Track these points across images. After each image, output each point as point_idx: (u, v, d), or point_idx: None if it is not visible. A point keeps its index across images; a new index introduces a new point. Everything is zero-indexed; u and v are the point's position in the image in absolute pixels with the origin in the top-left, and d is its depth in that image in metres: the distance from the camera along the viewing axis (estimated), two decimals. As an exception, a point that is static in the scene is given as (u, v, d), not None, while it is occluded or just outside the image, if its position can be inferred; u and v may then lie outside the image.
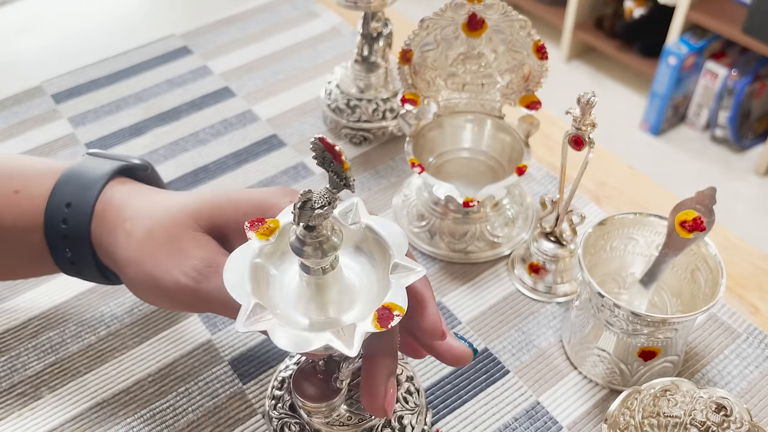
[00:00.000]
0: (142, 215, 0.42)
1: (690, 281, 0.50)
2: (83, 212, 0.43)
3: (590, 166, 0.50)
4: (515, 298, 0.57)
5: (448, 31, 0.56)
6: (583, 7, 2.12)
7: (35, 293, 0.58)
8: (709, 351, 0.53)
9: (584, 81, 2.19)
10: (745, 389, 0.51)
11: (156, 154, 0.72)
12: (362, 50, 0.68)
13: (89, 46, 0.89)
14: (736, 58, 1.86)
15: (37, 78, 0.83)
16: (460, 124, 0.62)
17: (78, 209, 0.43)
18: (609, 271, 0.53)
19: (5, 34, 0.93)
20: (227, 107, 0.78)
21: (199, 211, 0.41)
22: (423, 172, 0.56)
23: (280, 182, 0.68)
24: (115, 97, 0.79)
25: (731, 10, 1.82)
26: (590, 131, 0.48)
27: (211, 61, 0.84)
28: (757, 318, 0.56)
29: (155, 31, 0.90)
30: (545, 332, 0.55)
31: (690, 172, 1.89)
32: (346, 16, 0.92)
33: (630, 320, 0.45)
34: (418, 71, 0.58)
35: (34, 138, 0.74)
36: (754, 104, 1.88)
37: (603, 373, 0.50)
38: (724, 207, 1.77)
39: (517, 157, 0.59)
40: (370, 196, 0.67)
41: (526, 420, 0.49)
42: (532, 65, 0.56)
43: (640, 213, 0.51)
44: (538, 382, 0.52)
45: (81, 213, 0.43)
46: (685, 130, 2.00)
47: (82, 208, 0.43)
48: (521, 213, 0.62)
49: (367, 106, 0.69)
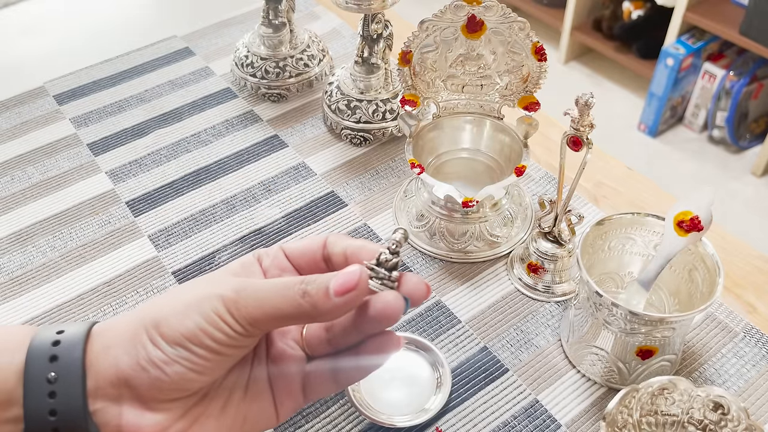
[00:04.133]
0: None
1: (687, 281, 0.51)
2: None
3: (588, 166, 0.51)
4: (514, 297, 0.58)
5: (448, 33, 0.57)
6: (582, 9, 2.12)
7: (36, 293, 0.59)
8: (707, 350, 0.54)
9: (582, 82, 2.19)
10: (743, 388, 0.51)
11: (158, 154, 0.72)
12: (362, 52, 0.69)
13: (91, 47, 0.89)
14: (734, 59, 1.86)
15: (40, 79, 0.83)
16: (459, 125, 0.63)
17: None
18: (607, 270, 0.54)
19: (8, 35, 0.93)
20: (229, 108, 0.78)
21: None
22: (423, 173, 0.56)
23: (281, 182, 0.69)
24: (117, 98, 0.80)
25: (729, 12, 1.82)
26: (588, 132, 0.49)
27: (213, 63, 0.85)
28: (755, 317, 0.56)
29: (157, 33, 0.90)
30: (544, 331, 0.55)
31: (687, 172, 1.90)
32: (347, 18, 0.93)
33: (628, 319, 0.45)
34: (418, 72, 0.59)
35: (37, 139, 0.75)
36: (752, 105, 1.89)
37: (601, 371, 0.51)
38: (722, 207, 1.77)
39: (516, 157, 0.60)
40: (370, 196, 0.67)
41: (525, 418, 0.50)
42: (531, 67, 0.57)
43: (637, 213, 0.51)
44: (537, 380, 0.52)
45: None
46: (683, 131, 2.01)
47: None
48: (520, 213, 0.63)
49: (368, 107, 0.70)
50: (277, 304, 0.32)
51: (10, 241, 0.64)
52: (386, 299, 0.33)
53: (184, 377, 0.32)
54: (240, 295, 0.32)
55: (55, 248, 0.63)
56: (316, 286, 0.32)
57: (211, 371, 0.33)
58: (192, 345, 0.32)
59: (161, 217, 0.66)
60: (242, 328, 0.32)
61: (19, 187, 0.69)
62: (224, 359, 0.33)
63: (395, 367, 0.52)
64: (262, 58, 0.76)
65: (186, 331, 0.32)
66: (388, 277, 0.34)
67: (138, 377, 0.32)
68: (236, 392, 0.35)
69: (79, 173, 0.71)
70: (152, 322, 0.33)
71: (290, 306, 0.32)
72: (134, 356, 0.32)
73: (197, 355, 0.32)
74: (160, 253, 0.62)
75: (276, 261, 0.37)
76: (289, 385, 0.36)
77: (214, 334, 0.32)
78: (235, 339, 0.32)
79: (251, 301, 0.32)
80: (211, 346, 0.32)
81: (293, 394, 0.36)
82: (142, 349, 0.32)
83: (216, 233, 0.64)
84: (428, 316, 0.56)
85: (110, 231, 0.64)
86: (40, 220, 0.66)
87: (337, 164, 0.71)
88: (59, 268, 0.61)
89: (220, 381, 0.35)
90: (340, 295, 0.32)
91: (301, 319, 0.33)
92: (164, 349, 0.32)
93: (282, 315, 0.32)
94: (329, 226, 0.64)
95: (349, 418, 0.50)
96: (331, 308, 0.32)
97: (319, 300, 0.32)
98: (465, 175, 0.64)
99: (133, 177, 0.70)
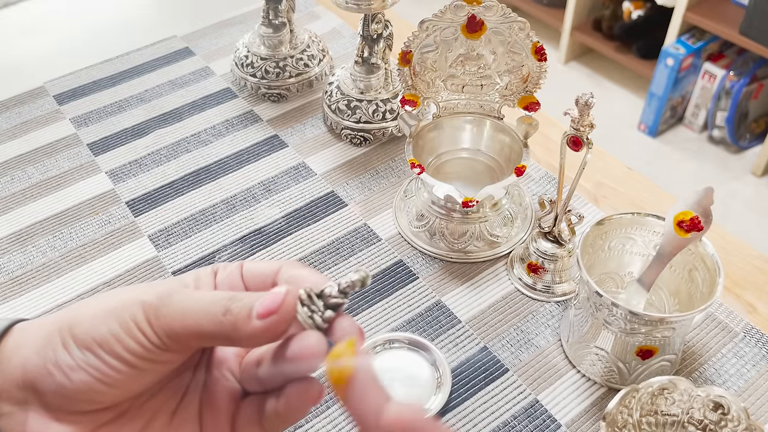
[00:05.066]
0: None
1: (688, 281, 0.51)
2: None
3: (588, 166, 0.51)
4: (514, 297, 0.58)
5: (448, 33, 0.57)
6: (582, 9, 2.12)
7: (36, 293, 0.59)
8: (707, 350, 0.54)
9: (582, 82, 2.19)
10: (743, 388, 0.51)
11: (158, 154, 0.72)
12: (362, 52, 0.69)
13: (91, 47, 0.89)
14: (734, 59, 1.86)
15: (40, 79, 0.83)
16: (459, 124, 0.63)
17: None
18: (607, 270, 0.54)
19: (8, 35, 0.93)
20: (229, 108, 0.78)
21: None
22: (423, 173, 0.56)
23: (281, 182, 0.69)
24: (117, 98, 0.80)
25: (729, 12, 1.82)
26: (588, 132, 0.49)
27: (213, 63, 0.85)
28: (755, 317, 0.56)
29: (157, 33, 0.90)
30: (544, 331, 0.55)
31: (687, 172, 1.90)
32: (347, 18, 0.93)
33: (628, 319, 0.45)
34: (418, 72, 0.59)
35: (37, 139, 0.75)
36: (752, 105, 1.89)
37: (601, 371, 0.51)
38: (722, 207, 1.77)
39: (516, 157, 0.60)
40: (370, 196, 0.67)
41: (525, 418, 0.50)
42: (531, 67, 0.57)
43: (637, 213, 0.51)
44: (537, 380, 0.52)
45: None
46: (683, 131, 2.01)
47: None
48: (520, 213, 0.63)
49: (368, 107, 0.70)
50: (198, 319, 0.29)
51: (10, 241, 0.64)
52: (306, 342, 0.29)
53: (91, 387, 0.29)
54: (163, 302, 0.29)
55: (55, 248, 0.63)
56: (240, 305, 0.29)
57: (122, 385, 0.29)
58: (102, 352, 0.29)
59: (161, 217, 0.66)
60: (159, 340, 0.29)
61: (19, 187, 0.69)
62: (138, 374, 0.29)
63: (395, 367, 0.52)
64: (262, 58, 0.76)
65: (98, 336, 0.29)
66: (321, 313, 0.29)
67: (44, 381, 0.29)
68: (161, 417, 0.32)
69: (79, 173, 0.71)
70: (68, 324, 0.30)
71: (210, 323, 0.29)
72: (43, 358, 0.29)
73: (107, 365, 0.29)
74: (160, 253, 0.62)
75: (230, 277, 0.33)
76: (217, 418, 0.32)
77: (128, 343, 0.29)
78: (151, 352, 0.29)
79: (173, 310, 0.29)
80: (123, 355, 0.29)
81: (220, 430, 0.32)
82: (52, 351, 0.29)
83: (216, 233, 0.64)
84: (428, 316, 0.56)
85: (110, 231, 0.64)
86: (40, 220, 0.66)
87: (337, 164, 0.71)
88: (59, 268, 0.61)
89: (143, 401, 0.31)
90: (261, 318, 0.28)
91: (221, 340, 0.29)
92: (73, 353, 0.29)
93: (201, 332, 0.29)
94: (329, 226, 0.64)
95: (350, 418, 0.50)
96: (251, 332, 0.28)
97: (240, 320, 0.29)
98: (465, 175, 0.64)
99: (133, 177, 0.70)
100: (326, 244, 0.63)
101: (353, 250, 0.62)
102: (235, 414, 0.32)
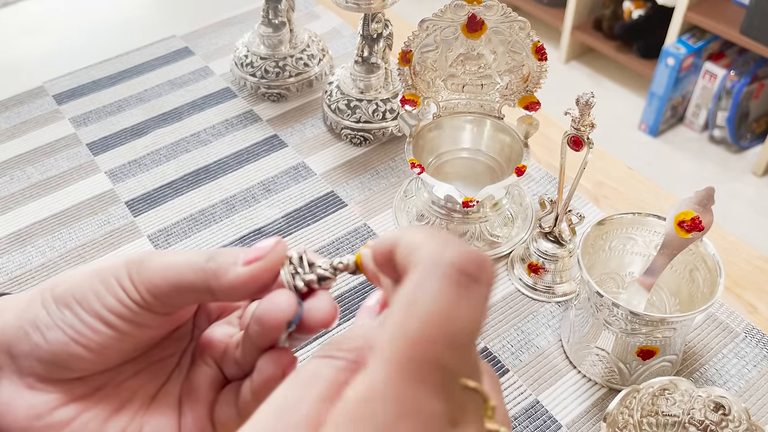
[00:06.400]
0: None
1: (688, 281, 0.51)
2: None
3: (589, 166, 0.51)
4: (514, 297, 0.58)
5: (448, 32, 0.56)
6: (582, 9, 2.12)
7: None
8: (708, 350, 0.54)
9: (583, 82, 2.19)
10: (744, 388, 0.51)
11: (157, 154, 0.72)
12: (362, 51, 0.69)
13: (91, 47, 0.89)
14: (735, 59, 1.86)
15: (39, 79, 0.83)
16: (459, 124, 0.63)
17: None
18: (608, 270, 0.54)
19: (8, 35, 0.93)
20: (228, 108, 0.78)
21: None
22: (423, 173, 0.56)
23: (281, 182, 0.68)
24: (116, 97, 0.80)
25: (730, 11, 1.82)
26: (589, 132, 0.49)
27: (213, 62, 0.85)
28: (755, 317, 0.56)
29: (157, 33, 0.90)
30: (544, 331, 0.55)
31: (688, 172, 1.90)
32: (347, 17, 0.93)
33: (629, 319, 0.45)
34: (418, 72, 0.59)
35: (36, 138, 0.74)
36: (752, 105, 1.89)
37: (602, 372, 0.51)
38: (722, 207, 1.77)
39: (516, 157, 0.60)
40: (370, 196, 0.67)
41: (526, 419, 0.50)
42: (531, 66, 0.57)
43: (638, 213, 0.51)
44: (538, 381, 0.52)
45: None
46: (684, 131, 2.01)
47: None
48: (520, 213, 0.63)
49: (368, 107, 0.70)
50: (180, 269, 0.28)
51: (10, 241, 0.64)
52: (276, 298, 0.28)
53: (66, 348, 0.28)
54: (146, 258, 0.29)
55: (54, 248, 0.63)
56: (226, 254, 0.28)
57: (99, 349, 0.28)
58: (81, 310, 0.28)
59: (161, 217, 0.65)
60: (139, 296, 0.28)
61: (18, 187, 0.69)
62: (116, 337, 0.28)
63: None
64: (262, 58, 0.76)
65: (78, 294, 0.28)
66: (302, 276, 0.29)
67: (19, 343, 0.28)
68: (138, 399, 0.31)
69: (78, 173, 0.70)
70: (51, 285, 0.29)
71: (191, 270, 0.28)
72: (21, 319, 0.29)
73: (84, 323, 0.28)
74: (160, 253, 0.62)
75: None
76: (195, 406, 0.31)
77: (107, 300, 0.28)
78: (130, 310, 0.28)
79: (155, 264, 0.28)
80: (101, 313, 0.28)
81: (199, 421, 0.31)
82: (32, 313, 0.29)
83: (216, 233, 0.64)
84: (428, 316, 0.56)
85: (110, 231, 0.64)
86: (40, 220, 0.66)
87: (337, 164, 0.70)
88: (59, 268, 0.61)
89: (121, 380, 0.30)
90: (247, 264, 0.28)
91: (202, 293, 0.28)
92: (51, 311, 0.28)
93: (184, 283, 0.28)
94: (329, 226, 0.64)
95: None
96: (233, 279, 0.28)
97: (222, 265, 0.28)
98: (465, 175, 0.64)
99: (133, 177, 0.70)
100: (326, 244, 0.62)
101: (353, 250, 0.62)
102: (214, 401, 0.32)
